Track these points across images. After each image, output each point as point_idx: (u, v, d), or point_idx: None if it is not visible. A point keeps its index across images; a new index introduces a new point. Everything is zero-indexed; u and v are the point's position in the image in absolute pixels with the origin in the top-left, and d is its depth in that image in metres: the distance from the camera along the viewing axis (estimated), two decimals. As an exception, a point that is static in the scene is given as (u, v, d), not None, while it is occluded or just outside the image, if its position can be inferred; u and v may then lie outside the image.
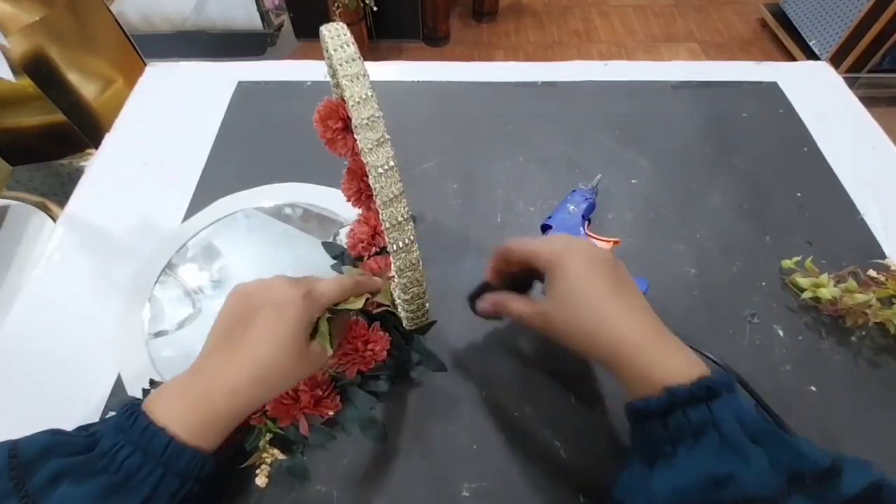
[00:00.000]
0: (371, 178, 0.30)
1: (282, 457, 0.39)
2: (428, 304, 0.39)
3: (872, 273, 0.49)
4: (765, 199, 0.59)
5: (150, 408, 0.31)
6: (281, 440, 0.39)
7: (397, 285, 0.36)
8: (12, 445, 0.29)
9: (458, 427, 0.43)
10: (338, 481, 0.40)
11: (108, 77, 1.05)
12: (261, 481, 0.37)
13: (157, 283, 0.52)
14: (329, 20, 0.38)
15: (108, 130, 0.68)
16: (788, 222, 0.57)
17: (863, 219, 0.57)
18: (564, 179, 0.61)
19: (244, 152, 0.65)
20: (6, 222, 0.83)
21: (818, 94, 0.72)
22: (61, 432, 0.31)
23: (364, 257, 0.49)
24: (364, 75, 0.29)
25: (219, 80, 0.74)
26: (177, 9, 1.97)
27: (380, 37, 2.24)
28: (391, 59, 1.02)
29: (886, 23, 1.76)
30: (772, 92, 0.72)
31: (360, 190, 0.46)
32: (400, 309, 0.42)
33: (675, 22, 2.41)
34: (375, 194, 0.30)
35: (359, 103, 0.29)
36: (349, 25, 0.32)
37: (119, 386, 0.45)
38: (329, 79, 0.38)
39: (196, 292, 0.52)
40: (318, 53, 0.38)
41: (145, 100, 0.72)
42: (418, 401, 0.44)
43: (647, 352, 0.31)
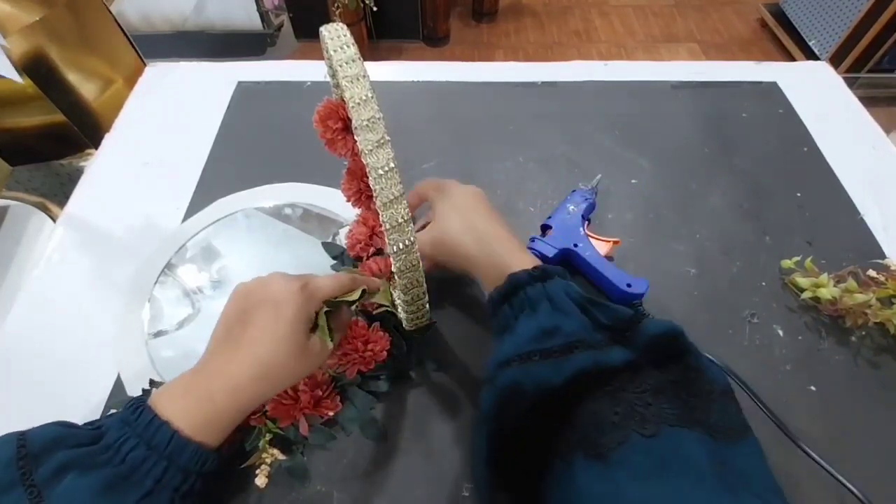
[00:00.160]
0: (371, 179, 0.30)
1: (282, 457, 0.39)
2: (428, 305, 0.39)
3: (872, 273, 0.49)
4: (765, 199, 0.59)
5: (154, 403, 0.32)
6: (281, 440, 0.40)
7: (397, 286, 0.36)
8: (21, 436, 0.30)
9: (458, 427, 0.43)
10: (338, 481, 0.40)
11: (107, 77, 1.05)
12: (261, 481, 0.37)
13: (156, 283, 0.52)
14: (329, 20, 0.38)
15: (107, 130, 0.68)
16: (788, 222, 0.57)
17: (863, 219, 0.57)
18: (564, 179, 0.61)
19: (244, 152, 0.65)
20: (6, 222, 0.83)
21: (818, 94, 0.72)
22: (69, 424, 0.32)
23: (363, 257, 0.49)
24: (364, 76, 0.29)
25: (219, 80, 0.74)
26: (177, 9, 1.97)
27: (380, 37, 2.23)
28: (391, 59, 1.02)
29: (886, 23, 1.76)
30: (772, 92, 0.72)
31: (360, 190, 0.46)
32: (400, 310, 0.42)
33: (675, 22, 2.41)
34: (376, 196, 0.30)
35: (359, 105, 0.29)
36: (349, 25, 0.32)
37: (119, 386, 0.45)
38: (329, 79, 0.38)
39: (195, 292, 0.52)
40: (317, 54, 0.37)
41: (145, 100, 0.72)
42: (418, 401, 0.44)
43: (497, 252, 0.39)
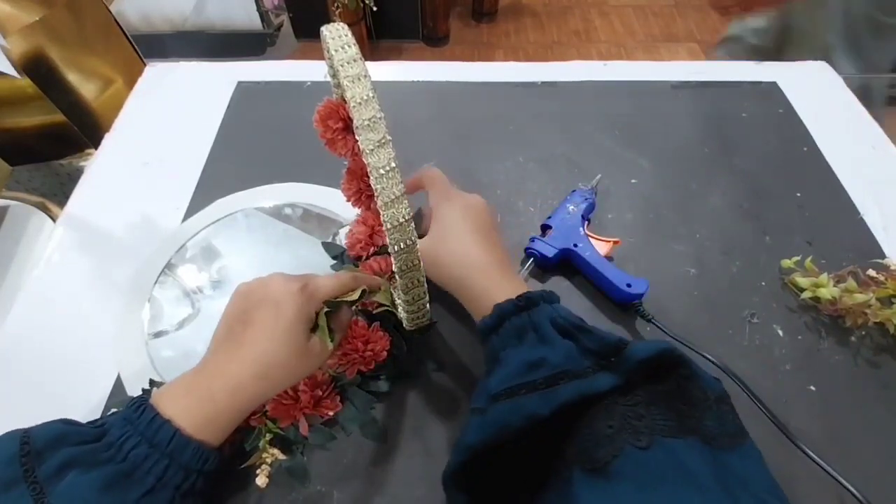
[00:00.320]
0: (372, 179, 0.30)
1: (282, 457, 0.39)
2: (428, 305, 0.39)
3: (872, 273, 0.49)
4: (765, 199, 0.59)
5: (156, 402, 0.32)
6: (281, 440, 0.39)
7: (398, 286, 0.36)
8: (24, 433, 0.30)
9: (458, 427, 0.43)
10: (338, 481, 0.40)
11: (107, 77, 1.05)
12: (261, 481, 0.37)
13: (156, 283, 0.52)
14: (329, 20, 0.38)
15: (107, 130, 0.68)
16: (788, 222, 0.57)
17: (862, 219, 0.57)
18: (564, 179, 0.61)
19: (244, 152, 0.65)
20: (6, 222, 0.83)
21: (818, 94, 0.72)
22: (72, 422, 0.32)
23: (363, 257, 0.49)
24: (365, 76, 0.29)
25: (219, 80, 0.74)
26: (177, 9, 1.97)
27: (379, 37, 2.23)
28: (391, 59, 1.02)
29: (886, 23, 1.76)
30: (772, 92, 0.72)
31: (360, 190, 0.46)
32: (400, 309, 0.42)
33: (675, 22, 2.41)
34: (377, 195, 0.30)
35: (360, 104, 0.29)
36: (349, 25, 0.32)
37: (119, 386, 0.45)
38: (330, 79, 0.38)
39: (195, 292, 0.52)
40: (318, 53, 0.37)
41: (145, 100, 0.72)
42: (418, 401, 0.44)
43: (485, 280, 0.38)
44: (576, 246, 0.50)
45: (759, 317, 0.49)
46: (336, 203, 0.56)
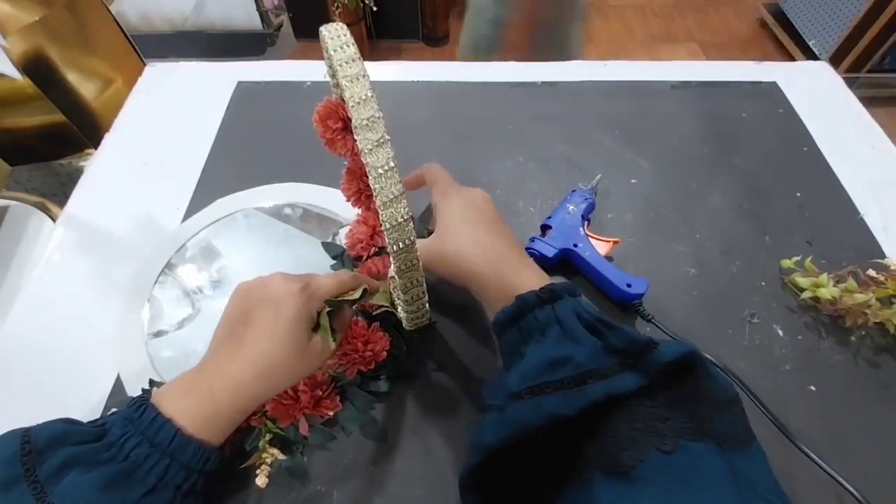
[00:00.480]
0: (371, 178, 0.30)
1: (282, 457, 0.39)
2: (428, 305, 0.39)
3: (872, 273, 0.49)
4: (765, 199, 0.59)
5: (157, 401, 0.32)
6: (281, 440, 0.39)
7: (398, 286, 0.36)
8: (25, 432, 0.30)
9: (458, 427, 0.43)
10: (338, 481, 0.40)
11: (107, 77, 1.05)
12: (261, 481, 0.37)
13: (156, 283, 0.52)
14: (328, 20, 0.38)
15: (107, 130, 0.68)
16: (788, 222, 0.57)
17: (862, 219, 0.57)
18: (564, 179, 0.61)
19: (244, 152, 0.65)
20: (6, 222, 0.83)
21: (818, 94, 0.72)
22: (73, 421, 0.32)
23: (363, 257, 0.49)
24: (364, 76, 0.29)
25: (218, 80, 0.73)
26: (176, 9, 1.97)
27: (379, 37, 2.23)
28: (391, 59, 1.02)
29: (886, 23, 1.76)
30: (772, 92, 0.72)
31: (360, 190, 0.46)
32: (400, 309, 0.42)
33: (675, 22, 2.41)
34: (376, 195, 0.30)
35: (359, 104, 0.29)
36: (349, 25, 0.32)
37: (118, 386, 0.45)
38: (329, 79, 0.38)
39: (195, 292, 0.52)
40: (317, 53, 0.37)
41: (145, 100, 0.72)
42: (418, 401, 0.44)
43: (503, 271, 0.36)
44: (576, 246, 0.50)
45: (759, 317, 0.49)
46: (336, 203, 0.56)
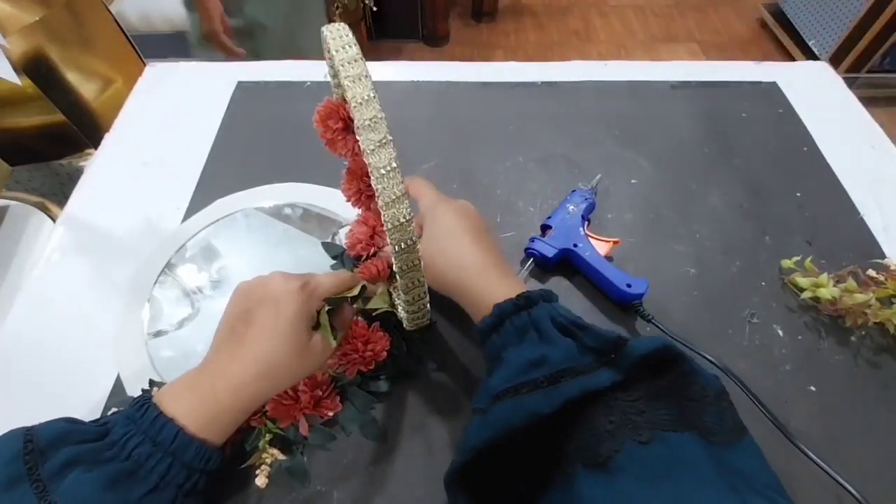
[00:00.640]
0: (373, 179, 0.30)
1: (282, 457, 0.39)
2: (428, 305, 0.39)
3: (872, 273, 0.49)
4: (765, 199, 0.59)
5: (159, 400, 0.32)
6: (281, 440, 0.39)
7: (398, 286, 0.36)
8: (27, 431, 0.30)
9: (458, 427, 0.43)
10: (338, 481, 0.40)
11: (107, 77, 1.05)
12: (261, 481, 0.37)
13: (156, 283, 0.52)
14: (329, 20, 0.38)
15: (107, 130, 0.68)
16: (788, 222, 0.57)
17: (862, 219, 0.57)
18: (564, 179, 0.61)
19: (244, 152, 0.65)
20: (6, 222, 0.83)
21: (818, 94, 0.72)
22: (75, 420, 0.32)
23: (363, 257, 0.49)
24: (366, 76, 0.29)
25: (219, 80, 0.73)
26: (177, 9, 1.97)
27: (379, 37, 2.23)
28: (391, 59, 1.02)
29: (886, 23, 1.76)
30: (771, 92, 0.72)
31: (360, 190, 0.46)
32: (400, 310, 0.42)
33: (675, 22, 2.42)
34: (378, 195, 0.30)
35: (361, 104, 0.29)
36: (349, 25, 0.32)
37: (118, 386, 0.45)
38: (330, 79, 0.38)
39: (195, 292, 0.52)
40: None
41: (145, 100, 0.72)
42: (418, 401, 0.44)
43: (483, 281, 0.38)
44: (576, 246, 0.50)
45: (759, 317, 0.49)
46: (336, 203, 0.56)
